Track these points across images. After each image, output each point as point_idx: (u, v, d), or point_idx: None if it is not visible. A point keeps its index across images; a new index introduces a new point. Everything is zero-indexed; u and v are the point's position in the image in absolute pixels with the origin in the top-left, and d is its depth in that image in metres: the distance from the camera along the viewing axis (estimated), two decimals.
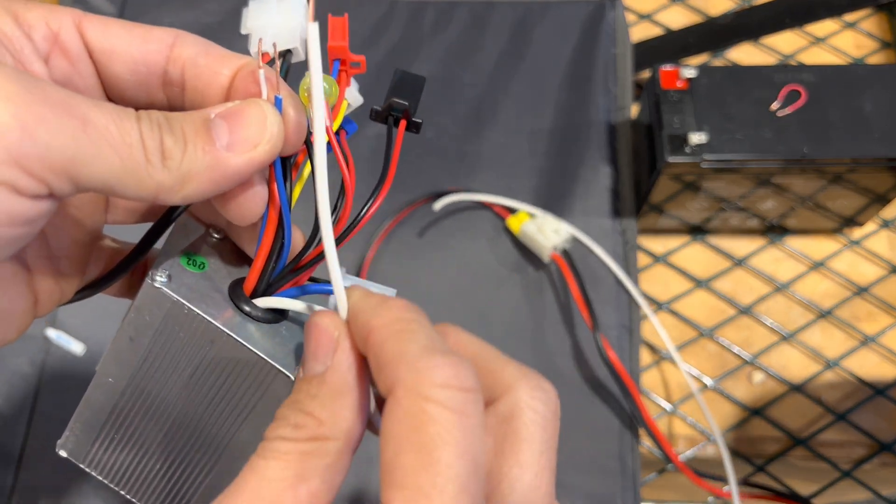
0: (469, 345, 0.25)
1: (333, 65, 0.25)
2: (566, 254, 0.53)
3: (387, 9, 0.62)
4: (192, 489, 0.27)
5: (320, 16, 0.25)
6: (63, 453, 0.27)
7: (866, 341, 0.56)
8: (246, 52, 0.25)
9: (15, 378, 0.50)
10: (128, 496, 0.28)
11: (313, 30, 0.21)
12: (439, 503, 0.18)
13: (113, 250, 0.29)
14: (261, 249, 0.24)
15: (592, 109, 0.59)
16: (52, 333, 0.49)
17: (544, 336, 0.53)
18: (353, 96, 0.26)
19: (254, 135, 0.22)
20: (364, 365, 0.22)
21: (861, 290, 0.58)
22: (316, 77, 0.22)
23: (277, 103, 0.23)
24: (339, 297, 0.22)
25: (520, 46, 0.61)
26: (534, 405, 0.22)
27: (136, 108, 0.24)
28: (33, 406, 0.50)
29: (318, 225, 0.22)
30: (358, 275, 0.53)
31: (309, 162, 0.24)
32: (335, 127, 0.24)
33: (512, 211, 0.55)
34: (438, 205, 0.54)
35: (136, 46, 0.24)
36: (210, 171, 0.21)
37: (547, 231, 0.53)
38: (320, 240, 0.23)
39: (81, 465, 0.27)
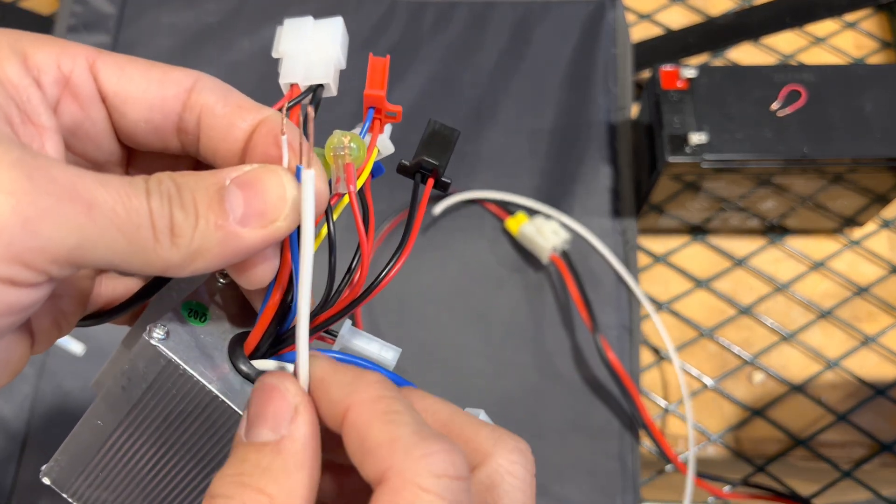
0: (438, 411, 0.23)
1: (368, 112, 0.23)
2: (565, 255, 0.53)
3: (387, 9, 0.62)
4: None
5: (362, 55, 0.23)
6: (46, 481, 0.27)
7: (866, 341, 0.56)
8: (263, 85, 0.23)
9: (15, 379, 0.50)
10: None
11: (308, 181, 0.19)
12: None
13: (117, 280, 0.28)
14: (266, 309, 0.23)
15: (592, 109, 0.59)
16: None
17: (544, 337, 0.53)
18: (385, 145, 0.24)
19: (271, 209, 0.20)
20: (319, 439, 0.20)
21: (861, 290, 0.58)
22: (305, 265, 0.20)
23: (298, 173, 0.21)
24: (302, 363, 0.21)
25: (520, 46, 0.61)
26: (513, 470, 0.21)
27: (149, 151, 0.23)
28: (33, 406, 0.50)
29: (298, 282, 0.21)
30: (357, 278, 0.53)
31: (326, 224, 0.23)
32: (359, 185, 0.22)
33: (511, 212, 0.55)
34: (438, 209, 0.54)
35: (152, 91, 0.22)
36: (221, 246, 0.20)
37: (546, 232, 0.53)
38: (331, 304, 0.22)
39: (64, 495, 0.27)
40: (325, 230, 0.23)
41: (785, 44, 0.65)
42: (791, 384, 0.55)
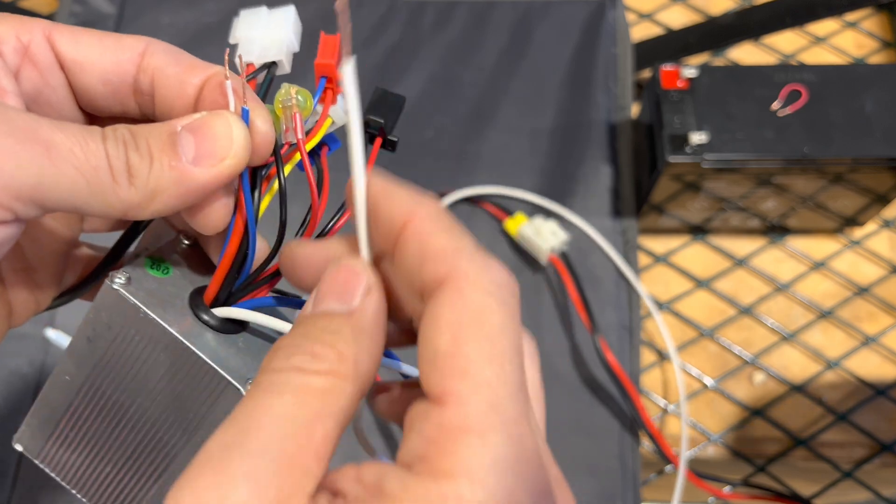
0: None
1: (320, 81, 0.24)
2: (564, 256, 0.53)
3: (387, 9, 0.62)
4: (142, 493, 0.27)
5: (313, 31, 0.25)
6: (18, 447, 0.27)
7: (867, 341, 0.56)
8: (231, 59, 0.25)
9: (14, 378, 0.50)
10: (79, 495, 0.27)
11: (349, 69, 0.20)
12: (503, 393, 0.18)
13: (90, 256, 0.29)
14: (224, 258, 0.24)
15: (593, 109, 0.59)
16: (51, 334, 0.48)
17: (543, 338, 0.53)
18: (338, 115, 0.25)
19: (220, 149, 0.22)
20: (386, 319, 0.21)
21: (862, 291, 0.58)
22: (355, 125, 0.20)
23: (245, 115, 0.22)
24: (361, 224, 0.21)
25: (520, 46, 0.61)
26: (528, 349, 0.23)
27: (108, 116, 0.24)
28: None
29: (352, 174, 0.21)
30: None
31: (278, 176, 0.24)
32: (310, 145, 0.24)
33: (510, 213, 0.55)
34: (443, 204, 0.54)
35: (107, 56, 0.24)
36: (176, 186, 0.21)
37: (545, 233, 0.53)
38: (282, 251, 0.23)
39: (35, 461, 0.27)
40: (276, 184, 0.24)
41: (785, 43, 0.65)
42: (791, 384, 0.55)
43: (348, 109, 0.20)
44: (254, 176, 0.24)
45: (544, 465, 0.19)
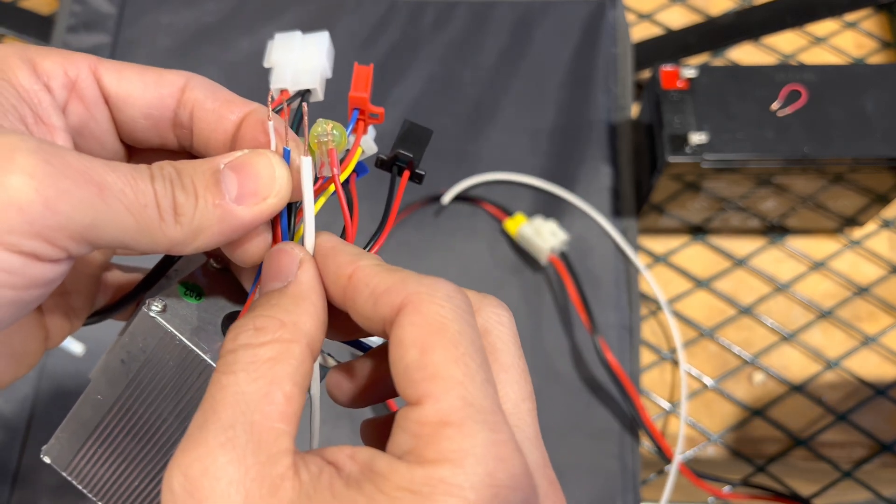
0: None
1: (352, 113, 0.25)
2: (564, 256, 0.53)
3: (387, 8, 0.62)
4: None
5: (347, 62, 0.26)
6: (47, 459, 0.28)
7: (867, 341, 0.56)
8: (262, 84, 0.25)
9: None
10: None
11: (306, 164, 0.22)
12: (472, 388, 0.20)
13: (121, 278, 0.29)
14: (258, 285, 0.25)
15: (593, 109, 0.59)
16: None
17: (543, 338, 0.53)
18: (368, 145, 0.26)
19: (263, 188, 0.22)
20: (321, 286, 0.23)
21: (862, 291, 0.58)
22: (309, 222, 0.23)
23: (286, 155, 0.23)
24: (309, 231, 0.23)
25: (520, 46, 0.61)
26: (501, 320, 0.24)
27: (147, 148, 0.25)
28: (33, 405, 0.50)
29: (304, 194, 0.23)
30: None
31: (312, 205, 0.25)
32: (343, 177, 0.25)
33: (509, 213, 0.55)
34: (447, 198, 0.55)
35: (149, 91, 0.24)
36: (220, 224, 0.22)
37: (545, 233, 0.53)
38: None
39: (63, 473, 0.28)
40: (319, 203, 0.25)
41: (785, 43, 0.65)
42: (791, 384, 0.55)
43: (304, 199, 0.23)
44: (290, 209, 0.25)
45: (522, 450, 0.20)
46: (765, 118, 0.50)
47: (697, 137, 0.49)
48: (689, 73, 0.51)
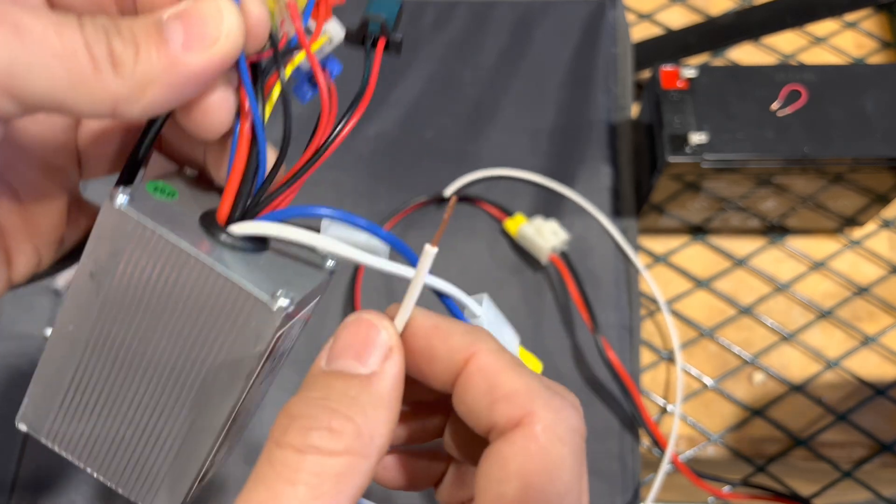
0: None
1: None
2: (564, 255, 0.53)
3: None
4: (163, 454, 0.24)
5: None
6: (23, 427, 0.24)
7: (867, 341, 0.56)
8: None
9: (15, 377, 0.50)
10: (94, 473, 0.25)
11: (429, 254, 0.20)
12: None
13: (94, 213, 0.27)
14: (234, 168, 0.22)
15: (593, 109, 0.59)
16: (50, 333, 0.48)
17: (543, 338, 0.53)
18: (335, 30, 0.23)
19: (211, 31, 0.20)
20: (403, 384, 0.20)
21: (862, 291, 0.58)
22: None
23: None
24: (406, 308, 0.20)
25: (520, 46, 0.61)
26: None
27: None
28: None
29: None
30: (355, 276, 0.53)
31: (279, 83, 0.22)
32: (315, 47, 0.22)
33: (509, 213, 0.55)
34: (449, 190, 0.55)
35: None
36: (168, 74, 0.20)
37: (545, 233, 0.53)
38: (304, 160, 0.21)
39: (42, 440, 0.25)
40: (278, 87, 0.22)
41: (785, 44, 0.65)
42: (791, 384, 0.55)
43: (411, 286, 0.21)
44: (254, 73, 0.22)
45: None
46: (765, 118, 0.50)
47: (697, 137, 0.49)
48: (689, 73, 0.51)
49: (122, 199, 0.21)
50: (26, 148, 0.24)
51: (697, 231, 0.59)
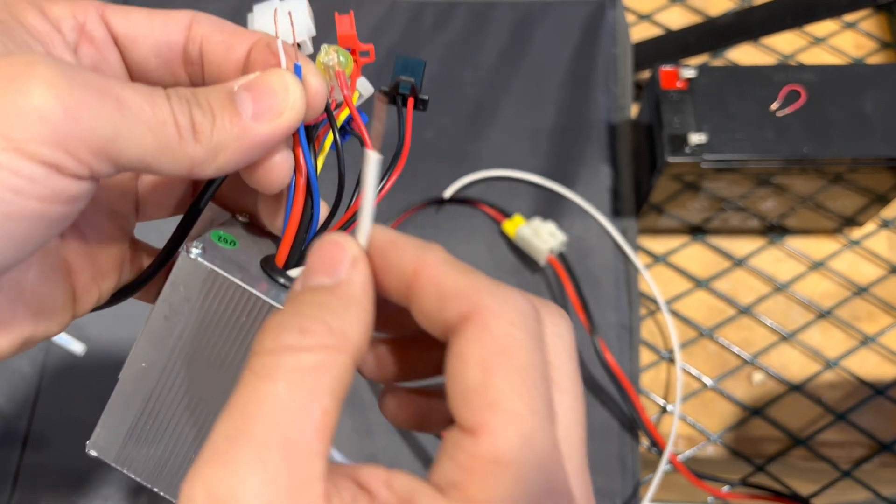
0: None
1: None
2: (562, 257, 0.53)
3: (387, 9, 0.62)
4: None
5: (325, 14, 0.26)
6: (94, 453, 0.26)
7: (866, 341, 0.56)
8: None
9: (15, 378, 0.51)
10: (163, 493, 0.27)
11: (372, 160, 0.21)
12: (534, 424, 0.18)
13: (148, 254, 0.29)
14: (291, 218, 0.25)
15: (592, 109, 0.59)
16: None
17: None
18: (364, 86, 0.26)
19: (278, 103, 0.23)
20: (373, 288, 0.21)
21: (861, 290, 0.58)
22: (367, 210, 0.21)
23: (297, 71, 0.23)
24: (365, 224, 0.21)
25: (520, 46, 0.61)
26: (560, 332, 0.24)
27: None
28: (34, 406, 0.50)
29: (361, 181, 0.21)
30: None
31: (331, 133, 0.25)
32: (354, 100, 0.25)
33: (508, 215, 0.55)
34: (448, 192, 0.55)
35: (157, 30, 0.25)
36: (239, 141, 0.22)
37: (543, 234, 0.53)
38: (352, 210, 0.23)
39: (112, 464, 0.26)
40: (331, 137, 0.25)
41: (785, 44, 0.65)
42: (791, 384, 0.55)
43: (364, 198, 0.21)
44: (309, 133, 0.25)
45: (570, 484, 0.19)
46: (764, 118, 0.50)
47: (697, 137, 0.49)
48: (689, 73, 0.51)
49: (196, 250, 0.24)
50: (96, 196, 0.26)
51: (697, 231, 0.59)
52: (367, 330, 0.20)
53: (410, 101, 0.26)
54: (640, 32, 0.65)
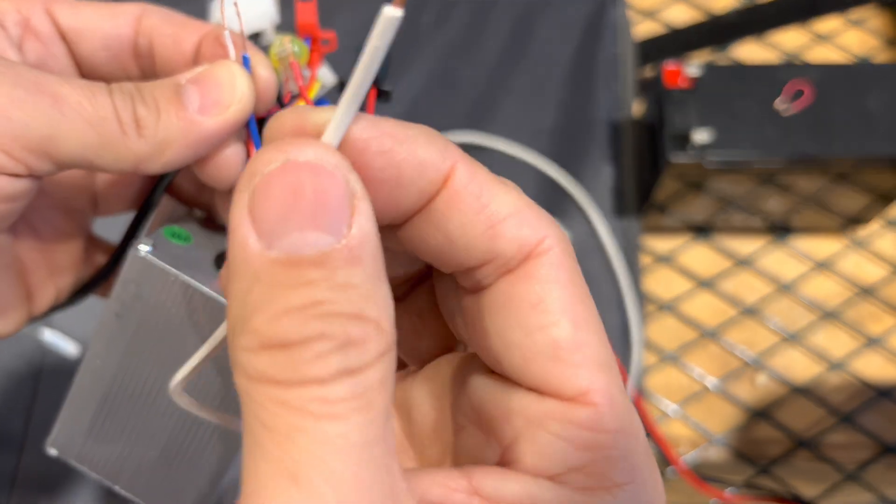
0: None
1: (304, 43, 0.25)
2: None
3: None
4: (185, 471, 0.26)
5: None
6: (53, 451, 0.26)
7: (871, 342, 0.56)
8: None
9: (12, 382, 0.50)
10: (126, 493, 0.26)
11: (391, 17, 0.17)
12: (619, 380, 0.16)
13: (107, 250, 0.29)
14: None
15: (595, 108, 0.59)
16: (48, 336, 0.48)
17: None
18: (326, 76, 0.26)
19: (225, 96, 0.22)
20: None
21: (865, 291, 0.57)
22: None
23: (245, 63, 0.23)
24: (347, 112, 0.15)
25: (521, 44, 0.61)
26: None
27: (109, 83, 0.24)
28: (30, 407, 0.50)
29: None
30: None
31: None
32: (311, 93, 0.24)
33: None
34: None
35: (105, 23, 0.24)
36: (185, 136, 0.21)
37: None
38: None
39: (73, 463, 0.26)
40: None
41: (789, 41, 0.65)
42: (794, 385, 0.55)
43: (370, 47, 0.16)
44: (260, 126, 0.24)
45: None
46: (768, 117, 0.50)
47: (700, 136, 0.49)
48: (692, 71, 0.51)
49: (146, 248, 0.23)
50: (49, 193, 0.26)
51: (700, 230, 0.59)
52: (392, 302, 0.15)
53: (372, 92, 0.24)
54: (643, 30, 0.65)
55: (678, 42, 0.64)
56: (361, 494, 0.13)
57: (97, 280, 0.27)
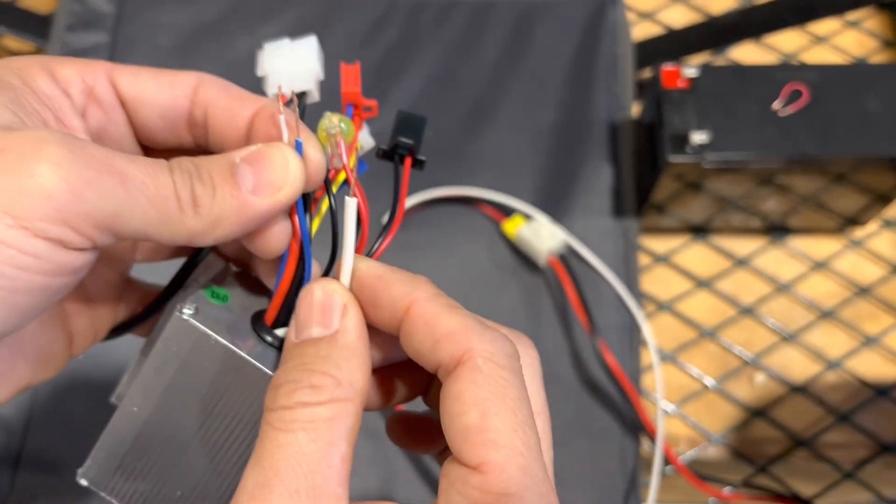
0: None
1: (347, 109, 0.26)
2: (563, 257, 0.53)
3: (386, 8, 0.62)
4: None
5: (334, 64, 0.26)
6: (84, 482, 0.28)
7: (868, 342, 0.56)
8: (259, 90, 0.26)
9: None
10: None
11: (351, 205, 0.23)
12: (529, 457, 0.20)
13: (141, 291, 0.30)
14: (283, 281, 0.26)
15: (594, 109, 0.59)
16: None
17: (542, 340, 0.53)
18: (365, 139, 0.27)
19: (277, 178, 0.23)
20: (366, 331, 0.23)
21: (863, 291, 0.58)
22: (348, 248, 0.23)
23: (298, 147, 0.24)
24: (347, 264, 0.23)
25: (520, 45, 0.61)
26: (533, 363, 0.25)
27: (165, 148, 0.26)
28: (31, 406, 0.50)
29: (337, 239, 0.23)
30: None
31: (327, 198, 0.26)
32: (351, 164, 0.25)
33: (508, 215, 0.55)
34: (425, 196, 0.54)
35: (164, 93, 0.25)
36: (238, 214, 0.23)
37: (543, 235, 0.53)
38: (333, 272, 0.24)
39: (102, 494, 0.28)
40: (326, 203, 0.26)
41: (787, 43, 0.65)
42: (792, 385, 0.55)
43: (345, 239, 0.23)
44: (306, 201, 0.25)
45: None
46: (766, 118, 0.50)
47: (698, 137, 0.49)
48: (691, 72, 0.51)
49: (189, 311, 0.25)
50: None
51: (698, 231, 0.59)
52: (369, 373, 0.22)
53: (408, 161, 0.26)
54: (642, 31, 0.65)
55: (676, 43, 0.64)
56: (297, 479, 0.20)
57: (135, 322, 0.29)
